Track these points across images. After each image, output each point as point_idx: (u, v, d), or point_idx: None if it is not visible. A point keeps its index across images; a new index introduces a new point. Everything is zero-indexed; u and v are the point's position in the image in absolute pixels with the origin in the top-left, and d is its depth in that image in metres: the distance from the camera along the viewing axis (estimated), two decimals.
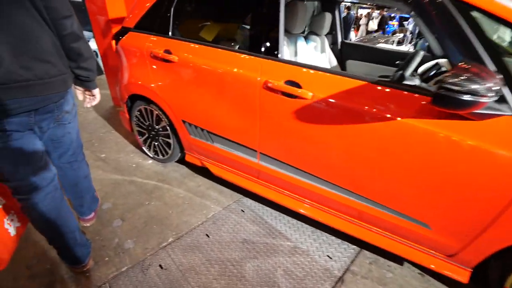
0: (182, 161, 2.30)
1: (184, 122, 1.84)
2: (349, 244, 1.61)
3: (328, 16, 2.07)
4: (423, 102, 1.06)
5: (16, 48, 0.94)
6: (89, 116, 3.13)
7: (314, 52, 2.13)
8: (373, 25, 11.81)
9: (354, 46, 2.55)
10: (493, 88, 0.81)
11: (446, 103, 0.87)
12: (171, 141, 2.08)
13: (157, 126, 2.11)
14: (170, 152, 2.15)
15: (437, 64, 1.61)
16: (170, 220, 1.74)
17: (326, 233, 1.67)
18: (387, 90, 1.12)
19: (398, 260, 1.52)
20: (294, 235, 1.66)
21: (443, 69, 1.70)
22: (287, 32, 1.70)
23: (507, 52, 1.14)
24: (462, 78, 0.82)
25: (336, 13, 2.40)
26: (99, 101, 1.37)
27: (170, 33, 1.77)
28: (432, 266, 1.30)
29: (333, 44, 2.55)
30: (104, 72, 3.44)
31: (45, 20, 1.01)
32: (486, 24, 0.99)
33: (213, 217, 1.77)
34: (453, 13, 0.99)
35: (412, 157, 1.11)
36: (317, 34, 2.15)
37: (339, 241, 1.63)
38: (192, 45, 1.66)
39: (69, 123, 1.28)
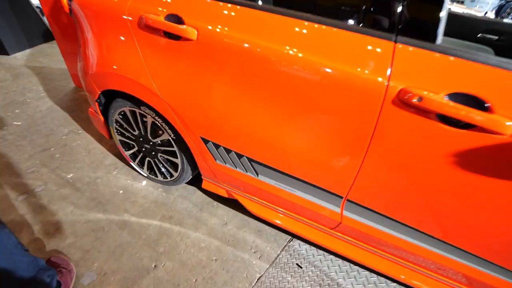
0: (192, 180, 1.61)
1: (205, 141, 1.13)
2: None
3: None
4: None
5: None
6: (42, 106, 2.20)
7: None
8: None
9: None
10: None
11: None
12: (178, 161, 1.36)
13: (154, 140, 1.36)
14: (176, 175, 1.44)
15: None
16: None
17: None
18: None
19: None
20: None
21: None
22: None
23: None
24: None
25: None
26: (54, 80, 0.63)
27: None
28: None
29: None
30: (55, 38, 2.42)
31: None
32: None
33: (261, 283, 1.18)
34: None
35: None
36: None
37: None
38: (232, 7, 0.87)
39: None
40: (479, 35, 1.72)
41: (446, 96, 0.65)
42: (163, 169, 1.49)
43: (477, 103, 0.63)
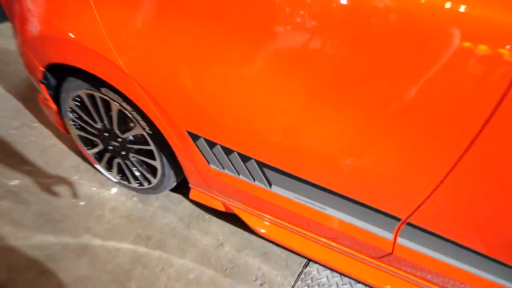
0: (176, 187, 1.26)
1: (194, 136, 0.78)
2: None
3: None
4: None
5: None
6: None
7: None
8: None
9: None
10: None
11: None
12: (157, 164, 1.01)
13: (123, 135, 1.00)
14: (155, 181, 1.09)
15: None
16: None
17: None
18: None
19: None
20: None
21: None
22: None
23: None
24: None
25: None
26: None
27: None
28: None
29: None
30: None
31: None
32: None
33: None
34: None
35: None
36: None
37: None
38: None
39: None
40: None
41: None
42: (137, 174, 1.13)
43: None
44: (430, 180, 0.55)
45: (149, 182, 1.13)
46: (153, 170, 1.08)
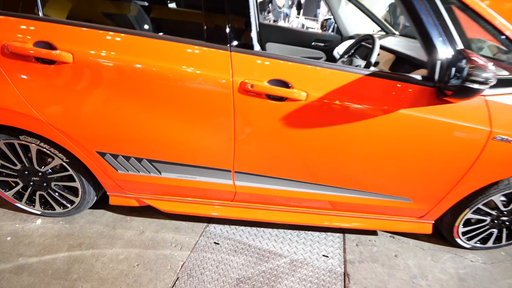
0: (98, 203, 1.59)
1: (102, 154, 1.20)
2: (333, 234, 1.60)
3: None
4: (410, 90, 1.05)
5: None
6: None
7: None
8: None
9: (272, 28, 2.43)
10: (495, 74, 0.86)
11: (466, 93, 0.88)
12: (77, 184, 1.36)
13: (42, 169, 1.31)
14: (78, 200, 1.41)
15: (361, 44, 1.72)
16: None
17: (309, 232, 1.59)
18: (384, 81, 1.04)
19: (372, 231, 1.65)
20: (284, 248, 1.49)
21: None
22: None
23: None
24: (477, 68, 0.83)
25: None
26: None
27: (40, 13, 1.02)
28: (407, 229, 1.48)
29: None
30: None
31: None
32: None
33: (185, 268, 1.33)
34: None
35: (411, 147, 1.12)
36: None
37: (324, 234, 1.59)
38: (103, 33, 1.02)
39: None
40: (312, 43, 2.41)
41: (267, 82, 1.02)
42: (60, 200, 1.43)
43: (284, 84, 1.02)
44: (228, 146, 1.15)
45: (73, 203, 1.43)
46: (74, 192, 1.40)
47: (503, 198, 1.36)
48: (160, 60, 1.01)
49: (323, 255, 1.48)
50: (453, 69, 0.91)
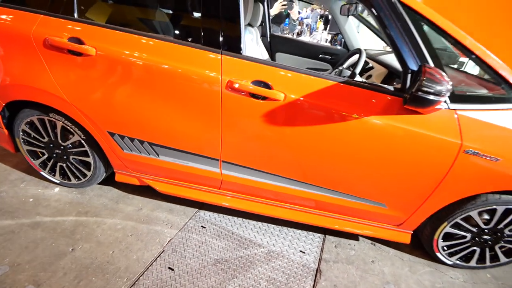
0: (106, 181, 1.81)
1: (112, 134, 1.42)
2: (314, 233, 1.68)
3: (261, 7, 1.99)
4: (387, 99, 1.14)
5: None
6: None
7: (251, 44, 2.03)
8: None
9: (282, 39, 2.59)
10: (449, 88, 0.94)
11: (419, 103, 0.96)
12: (90, 159, 1.58)
13: (64, 143, 1.55)
14: (89, 174, 1.64)
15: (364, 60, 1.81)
16: (114, 263, 1.34)
17: (291, 228, 1.68)
18: (357, 89, 1.15)
19: (354, 236, 1.70)
20: (265, 239, 1.59)
21: (370, 64, 1.94)
22: None
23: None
24: (430, 80, 0.92)
25: (265, 4, 2.35)
26: None
27: (76, 15, 1.27)
28: (385, 236, 1.52)
29: (262, 36, 2.51)
30: None
31: None
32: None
33: (171, 244, 1.48)
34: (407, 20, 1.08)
35: (381, 152, 1.20)
36: (251, 26, 2.04)
37: (305, 232, 1.68)
38: (120, 34, 1.24)
39: None
40: (320, 55, 2.54)
41: (251, 82, 1.17)
42: (76, 172, 1.66)
43: (266, 85, 1.17)
44: (216, 137, 1.31)
45: (85, 176, 1.66)
46: (87, 166, 1.63)
47: (485, 216, 1.37)
48: (165, 59, 1.20)
49: (300, 251, 1.56)
50: (415, 81, 1.00)
